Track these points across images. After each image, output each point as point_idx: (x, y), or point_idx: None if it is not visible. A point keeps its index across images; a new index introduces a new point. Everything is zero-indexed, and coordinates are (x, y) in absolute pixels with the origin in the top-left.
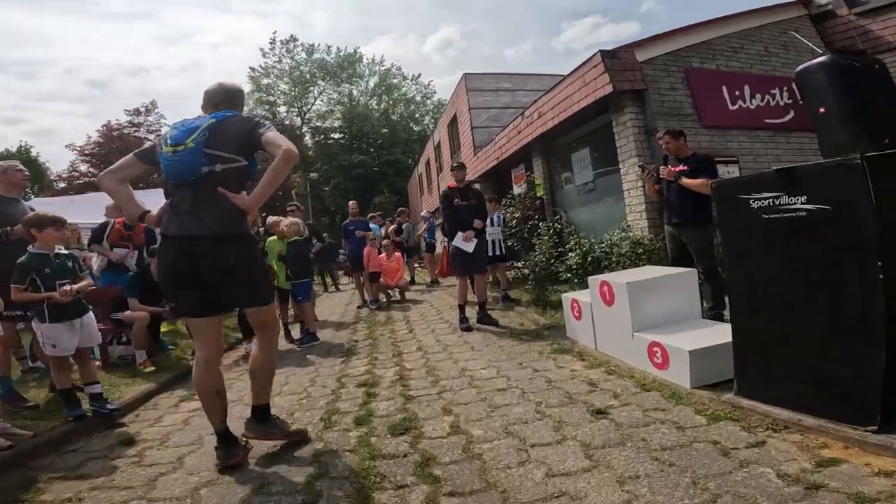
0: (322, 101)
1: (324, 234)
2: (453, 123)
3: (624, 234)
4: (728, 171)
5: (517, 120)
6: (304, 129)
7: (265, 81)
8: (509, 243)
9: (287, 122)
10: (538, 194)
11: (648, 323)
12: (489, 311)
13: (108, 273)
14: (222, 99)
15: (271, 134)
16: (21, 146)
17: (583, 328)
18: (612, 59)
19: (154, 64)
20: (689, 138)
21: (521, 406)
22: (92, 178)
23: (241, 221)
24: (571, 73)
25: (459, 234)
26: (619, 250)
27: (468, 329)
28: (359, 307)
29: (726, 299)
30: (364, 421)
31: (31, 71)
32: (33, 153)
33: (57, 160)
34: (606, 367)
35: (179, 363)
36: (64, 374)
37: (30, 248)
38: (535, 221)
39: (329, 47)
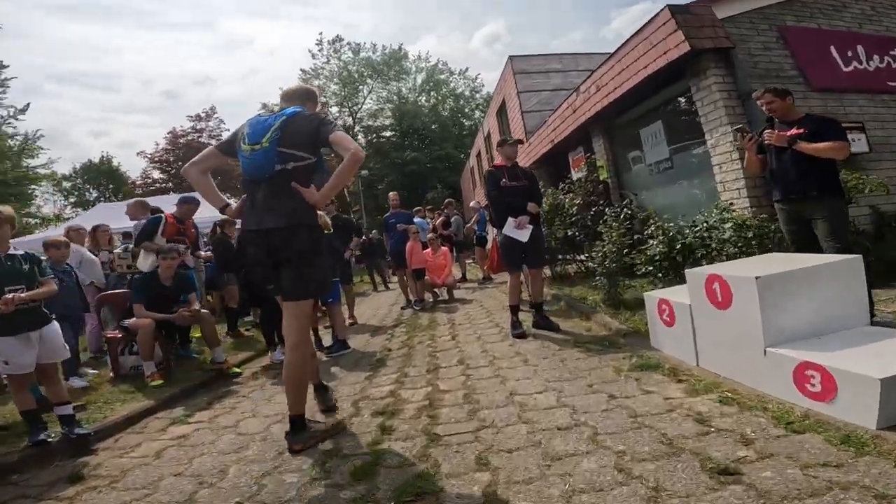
0: (372, 99)
1: (370, 231)
2: (502, 110)
3: (725, 213)
4: (854, 139)
5: (572, 97)
6: (356, 128)
7: (316, 83)
8: (569, 234)
9: (340, 122)
10: (601, 177)
11: (789, 333)
12: (547, 314)
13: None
14: (294, 96)
15: (339, 134)
16: (103, 156)
17: (677, 337)
18: (685, 14)
19: (217, 73)
20: (797, 103)
21: (593, 457)
22: (164, 185)
23: (311, 213)
24: (633, 36)
25: (510, 220)
26: (719, 235)
27: (522, 336)
28: (402, 308)
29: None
30: (365, 474)
31: (111, 84)
32: (115, 163)
33: (136, 169)
34: (719, 394)
35: (195, 374)
36: (22, 393)
37: None
38: (600, 207)
39: (374, 45)
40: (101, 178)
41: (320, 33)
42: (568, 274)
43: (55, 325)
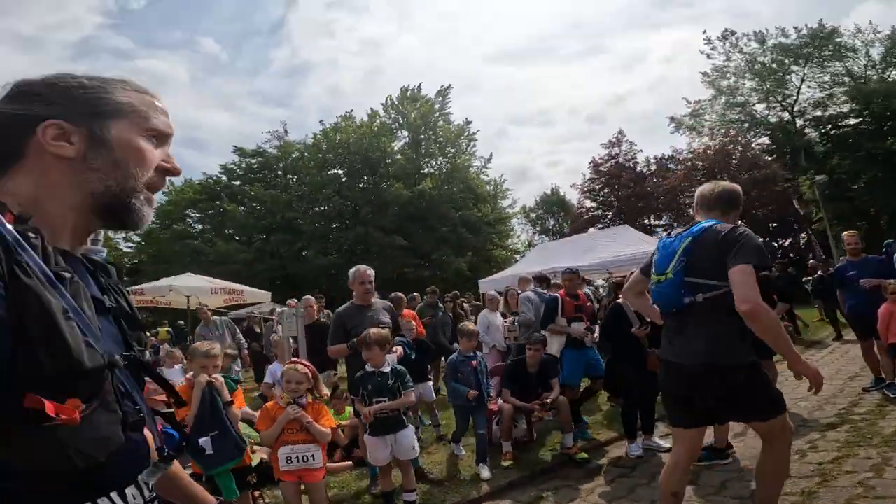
0: (809, 86)
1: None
2: None
3: None
4: None
5: None
6: (799, 122)
7: (724, 83)
8: None
9: (774, 120)
10: None
11: None
12: None
13: (569, 350)
14: (711, 203)
15: (742, 269)
16: (552, 188)
17: None
18: None
19: (626, 91)
20: None
21: None
22: (595, 212)
23: (733, 349)
24: None
25: None
26: None
27: None
28: (864, 389)
29: None
30: None
31: (549, 118)
32: (561, 192)
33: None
34: None
35: (540, 458)
36: (383, 478)
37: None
38: None
39: (783, 30)
40: (553, 207)
41: (703, 31)
42: None
43: (409, 430)
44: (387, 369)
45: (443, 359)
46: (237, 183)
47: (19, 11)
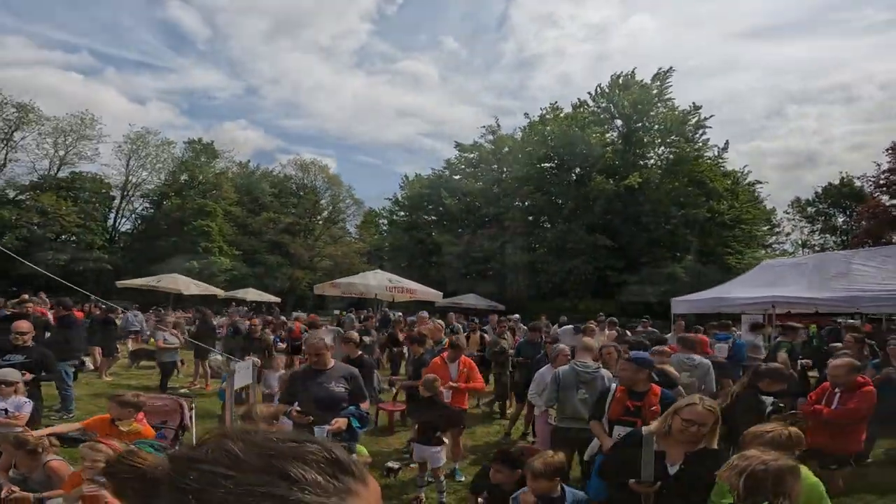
0: None
1: None
2: None
3: None
4: None
5: None
6: None
7: None
8: None
9: None
10: None
11: None
12: None
13: None
14: None
15: None
16: (843, 176)
17: None
18: None
19: None
20: None
21: None
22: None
23: None
24: None
25: None
26: None
27: None
28: None
29: None
30: None
31: (847, 95)
32: (856, 183)
33: None
34: None
35: None
36: None
37: None
38: None
39: None
40: (844, 201)
41: None
42: None
43: None
44: None
45: None
46: (457, 177)
47: (316, 24)
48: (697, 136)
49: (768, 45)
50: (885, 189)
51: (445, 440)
